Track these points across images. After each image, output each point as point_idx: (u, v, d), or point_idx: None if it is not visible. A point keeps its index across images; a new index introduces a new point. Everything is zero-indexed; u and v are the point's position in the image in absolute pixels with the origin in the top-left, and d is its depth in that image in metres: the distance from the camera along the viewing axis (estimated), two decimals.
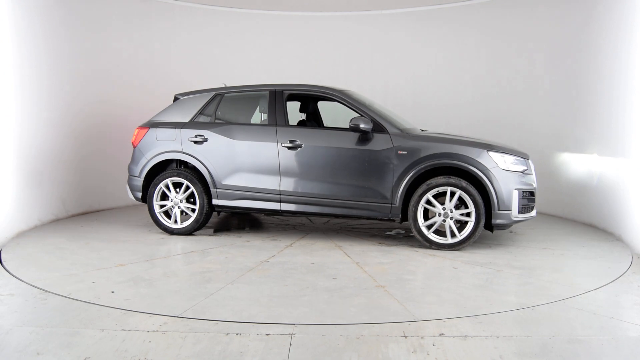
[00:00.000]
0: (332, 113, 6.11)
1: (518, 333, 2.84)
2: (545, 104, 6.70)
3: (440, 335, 2.81)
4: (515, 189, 4.55)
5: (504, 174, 4.55)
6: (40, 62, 5.73)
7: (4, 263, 4.17)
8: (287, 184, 4.98)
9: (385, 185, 4.72)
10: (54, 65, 5.98)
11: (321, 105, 5.94)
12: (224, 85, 5.58)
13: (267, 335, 2.79)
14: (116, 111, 6.93)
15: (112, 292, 3.54)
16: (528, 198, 4.68)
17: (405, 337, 2.78)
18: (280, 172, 4.99)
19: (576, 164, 6.18)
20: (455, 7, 7.51)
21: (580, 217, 6.11)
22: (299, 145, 4.94)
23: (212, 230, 5.53)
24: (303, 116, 5.79)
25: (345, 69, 8.08)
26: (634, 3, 5.01)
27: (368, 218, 4.90)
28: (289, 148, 4.96)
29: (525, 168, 4.71)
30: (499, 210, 4.54)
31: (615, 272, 4.04)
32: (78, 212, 6.38)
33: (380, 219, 4.86)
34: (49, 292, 3.46)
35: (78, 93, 6.37)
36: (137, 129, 5.52)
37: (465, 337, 2.78)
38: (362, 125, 4.70)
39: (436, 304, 3.29)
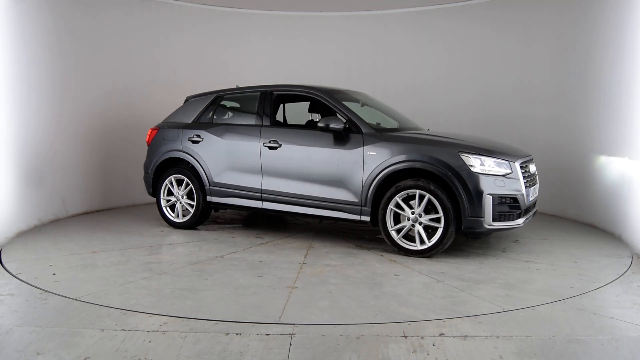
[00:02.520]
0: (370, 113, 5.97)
1: (518, 333, 2.84)
2: (546, 103, 6.69)
3: (440, 335, 2.81)
4: (489, 194, 4.17)
5: (477, 177, 4.18)
6: (40, 61, 5.73)
7: (4, 263, 4.17)
8: (268, 183, 5.07)
9: (356, 186, 4.59)
10: (56, 65, 5.98)
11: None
12: (236, 87, 5.76)
13: (267, 335, 2.79)
14: (117, 111, 6.93)
15: (54, 274, 3.91)
16: (509, 205, 4.27)
17: (405, 337, 2.79)
18: (262, 171, 5.10)
19: (577, 164, 6.17)
20: (456, 7, 7.51)
21: (580, 217, 6.11)
22: (279, 145, 5.00)
23: (240, 225, 5.92)
24: (312, 116, 5.77)
25: (346, 69, 8.07)
26: None
27: (340, 219, 4.76)
28: (270, 148, 5.04)
29: (508, 172, 4.29)
30: (469, 216, 4.19)
31: (615, 272, 4.04)
32: (78, 212, 6.38)
33: (352, 221, 4.72)
34: (49, 292, 3.47)
35: (79, 93, 6.37)
36: (150, 130, 5.95)
37: (465, 337, 2.79)
38: (331, 125, 4.62)
39: (322, 309, 3.20)
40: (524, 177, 4.42)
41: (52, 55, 5.94)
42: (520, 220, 4.39)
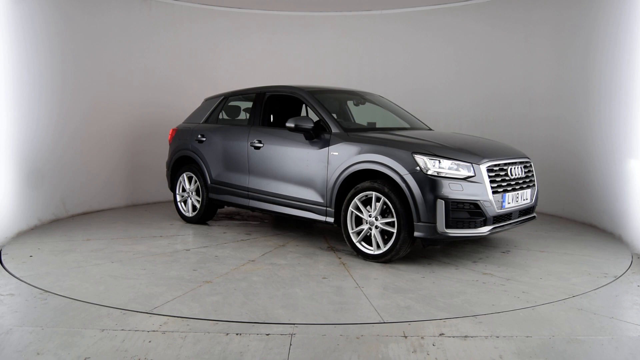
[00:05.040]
0: (362, 113, 5.95)
1: (518, 333, 2.84)
2: (546, 103, 6.69)
3: (440, 335, 2.81)
4: (441, 199, 3.86)
5: (429, 179, 3.89)
6: (41, 61, 5.73)
7: (4, 263, 4.17)
8: (253, 182, 5.19)
9: (321, 187, 4.55)
10: (56, 65, 5.98)
11: (352, 105, 5.88)
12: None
13: (267, 335, 2.79)
14: (117, 111, 6.92)
15: (30, 256, 4.40)
16: (469, 211, 3.93)
17: (405, 337, 2.79)
18: (248, 170, 5.21)
19: (577, 164, 6.17)
20: (456, 7, 7.51)
21: (580, 217, 6.11)
22: (262, 145, 5.09)
23: (256, 222, 6.05)
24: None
25: (345, 69, 8.08)
26: None
27: (309, 220, 4.72)
28: (255, 147, 5.14)
29: (469, 175, 3.96)
30: (420, 221, 3.92)
31: (615, 272, 4.04)
32: (78, 212, 6.38)
33: (318, 222, 4.66)
34: (49, 292, 3.47)
35: (79, 93, 6.36)
36: (171, 130, 6.30)
37: (465, 337, 2.79)
38: (299, 125, 4.58)
39: (202, 304, 3.25)
40: (496, 181, 4.10)
41: (52, 55, 5.94)
42: (485, 229, 4.00)
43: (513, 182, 4.28)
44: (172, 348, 2.63)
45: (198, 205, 5.81)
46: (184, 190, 5.99)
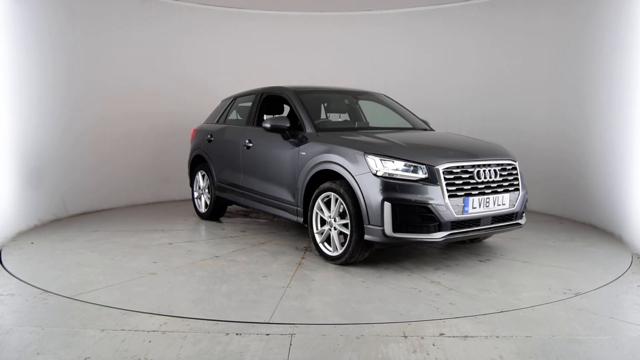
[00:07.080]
0: (373, 111, 5.92)
1: (518, 333, 2.84)
2: (546, 102, 6.69)
3: (440, 335, 2.81)
4: (388, 201, 3.69)
5: (377, 181, 3.75)
6: (41, 61, 5.73)
7: (4, 263, 4.17)
8: (245, 181, 5.30)
9: (292, 186, 4.55)
10: (57, 65, 5.98)
11: (364, 104, 5.83)
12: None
13: (267, 335, 2.79)
14: (118, 111, 6.92)
15: (32, 243, 4.79)
16: (420, 215, 3.70)
17: (405, 337, 2.79)
18: (242, 169, 5.32)
19: (577, 164, 6.17)
20: (456, 7, 7.51)
21: (580, 217, 6.11)
22: (252, 145, 5.16)
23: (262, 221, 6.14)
24: (331, 116, 5.73)
25: (345, 69, 8.08)
26: None
27: (287, 219, 4.72)
28: (247, 147, 5.22)
29: (423, 177, 3.76)
30: (370, 224, 3.78)
31: (615, 272, 4.04)
32: (78, 212, 6.38)
33: (292, 222, 4.63)
34: (49, 292, 3.47)
35: (80, 93, 6.36)
36: (192, 130, 6.51)
37: (465, 337, 2.79)
38: (274, 124, 4.60)
39: (130, 293, 3.43)
40: (455, 183, 3.83)
41: (53, 55, 5.94)
42: (439, 235, 3.74)
43: (481, 186, 3.96)
44: (172, 348, 2.63)
45: (209, 202, 5.99)
46: (199, 187, 6.20)
